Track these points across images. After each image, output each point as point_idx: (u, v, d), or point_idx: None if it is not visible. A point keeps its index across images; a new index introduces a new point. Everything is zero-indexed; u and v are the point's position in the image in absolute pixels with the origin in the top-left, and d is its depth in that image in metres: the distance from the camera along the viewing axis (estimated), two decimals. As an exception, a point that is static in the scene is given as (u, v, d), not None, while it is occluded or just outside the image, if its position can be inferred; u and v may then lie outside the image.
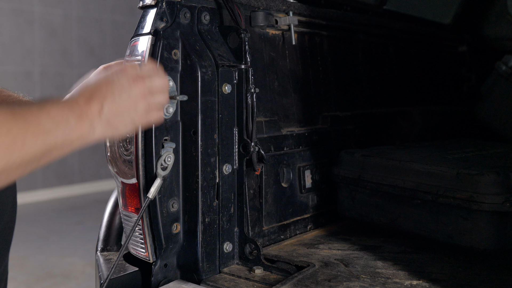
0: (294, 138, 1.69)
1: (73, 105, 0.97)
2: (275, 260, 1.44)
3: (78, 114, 0.96)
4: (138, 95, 1.06)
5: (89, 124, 0.98)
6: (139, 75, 1.08)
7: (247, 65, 1.39)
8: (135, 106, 1.05)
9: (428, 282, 1.30)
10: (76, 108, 0.97)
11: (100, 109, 1.00)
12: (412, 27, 2.45)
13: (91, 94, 1.00)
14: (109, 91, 1.02)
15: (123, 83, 1.04)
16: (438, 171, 1.52)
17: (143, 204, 1.26)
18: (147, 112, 1.08)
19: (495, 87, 2.42)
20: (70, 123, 0.95)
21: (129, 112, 1.05)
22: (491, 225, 1.44)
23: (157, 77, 1.11)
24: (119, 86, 1.04)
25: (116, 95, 1.03)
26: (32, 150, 0.88)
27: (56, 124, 0.92)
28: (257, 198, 1.55)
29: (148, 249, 1.30)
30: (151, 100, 1.09)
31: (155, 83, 1.10)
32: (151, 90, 1.09)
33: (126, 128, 1.06)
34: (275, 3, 1.63)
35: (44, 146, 0.91)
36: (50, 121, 0.92)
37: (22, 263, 4.26)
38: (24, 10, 6.15)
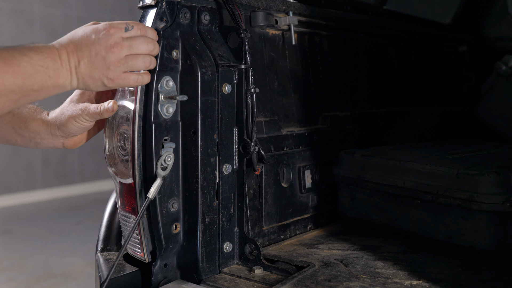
0: (294, 138, 1.69)
1: (55, 56, 1.08)
2: (275, 260, 1.44)
3: (58, 65, 1.08)
4: (112, 62, 1.13)
5: (66, 76, 1.10)
6: (120, 41, 1.13)
7: (247, 65, 1.39)
8: (107, 72, 1.13)
9: (428, 282, 1.30)
10: (57, 59, 1.08)
11: (77, 65, 1.11)
12: (412, 27, 2.45)
13: (73, 49, 1.11)
14: (87, 51, 1.11)
15: (102, 47, 1.12)
16: (438, 171, 1.52)
17: (139, 204, 1.26)
18: (119, 77, 1.15)
19: (495, 87, 2.41)
20: (49, 71, 1.07)
21: (100, 75, 1.13)
22: (491, 225, 1.44)
23: (140, 43, 1.17)
24: (97, 48, 1.12)
25: (92, 57, 1.11)
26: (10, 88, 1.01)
27: (36, 70, 1.05)
28: (257, 198, 1.55)
29: (144, 250, 1.30)
30: (125, 67, 1.15)
31: (136, 49, 1.16)
32: (127, 57, 1.15)
33: (97, 88, 1.16)
34: (275, 3, 1.63)
35: (22, 87, 1.03)
36: (30, 66, 1.04)
37: (22, 263, 4.26)
38: (24, 10, 6.16)
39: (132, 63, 1.16)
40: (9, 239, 4.90)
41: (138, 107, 1.26)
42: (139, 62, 1.17)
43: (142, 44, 1.17)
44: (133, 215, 1.30)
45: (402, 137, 2.19)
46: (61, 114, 1.29)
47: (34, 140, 1.33)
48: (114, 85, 1.16)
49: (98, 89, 1.17)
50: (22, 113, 1.32)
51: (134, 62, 1.16)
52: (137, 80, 1.19)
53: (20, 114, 1.32)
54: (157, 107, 1.27)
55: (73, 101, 1.30)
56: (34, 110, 1.33)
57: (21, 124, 1.31)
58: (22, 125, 1.31)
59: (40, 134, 1.31)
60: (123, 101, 1.29)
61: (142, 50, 1.17)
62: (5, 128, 1.32)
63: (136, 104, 1.25)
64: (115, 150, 1.32)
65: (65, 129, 1.28)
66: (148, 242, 1.31)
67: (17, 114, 1.32)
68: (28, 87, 1.04)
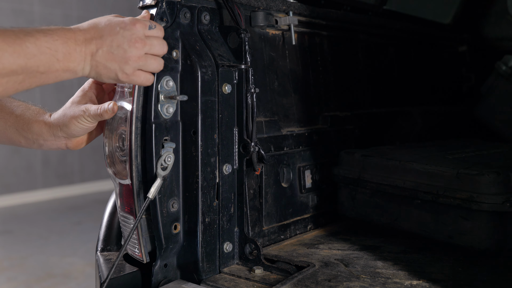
0: (294, 138, 1.69)
1: (69, 40, 1.06)
2: (275, 260, 1.44)
3: (71, 49, 1.06)
4: (133, 56, 1.12)
5: (78, 61, 1.08)
6: (143, 38, 1.13)
7: (247, 65, 1.39)
8: (124, 65, 1.12)
9: (428, 282, 1.30)
10: (70, 43, 1.06)
11: (94, 53, 1.09)
12: (412, 27, 2.45)
13: (93, 35, 1.09)
14: (109, 40, 1.10)
15: (126, 40, 1.11)
16: (438, 171, 1.52)
17: (136, 205, 1.26)
18: (134, 73, 1.14)
19: (495, 87, 2.42)
20: (57, 54, 1.04)
21: (117, 67, 1.12)
22: (491, 225, 1.44)
23: (159, 45, 1.17)
24: (120, 39, 1.11)
25: (113, 48, 1.10)
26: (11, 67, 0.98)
27: (41, 51, 1.02)
28: (257, 198, 1.55)
29: (142, 250, 1.30)
30: (143, 64, 1.15)
31: (155, 49, 1.16)
32: (148, 55, 1.15)
33: (108, 80, 1.15)
34: (275, 3, 1.63)
35: (25, 67, 1.00)
36: (35, 47, 1.01)
37: (22, 263, 4.26)
38: (24, 10, 6.16)
39: (150, 62, 1.16)
40: (9, 239, 4.90)
41: (136, 108, 1.25)
42: (155, 62, 1.18)
43: (160, 46, 1.17)
44: (132, 216, 1.30)
45: (402, 137, 2.19)
46: (63, 115, 1.28)
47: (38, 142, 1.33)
48: (126, 80, 1.15)
49: (109, 80, 1.16)
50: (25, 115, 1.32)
51: (151, 61, 1.16)
52: (148, 80, 1.19)
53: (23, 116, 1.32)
54: (157, 107, 1.27)
55: (75, 102, 1.29)
56: (36, 112, 1.33)
57: (24, 126, 1.31)
58: (25, 127, 1.31)
59: (42, 135, 1.31)
60: (122, 102, 1.29)
61: (159, 51, 1.18)
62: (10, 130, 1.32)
63: (134, 105, 1.25)
64: (114, 151, 1.32)
65: (67, 130, 1.27)
66: (146, 242, 1.30)
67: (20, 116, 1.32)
68: (32, 68, 1.01)
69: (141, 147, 1.27)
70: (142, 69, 1.16)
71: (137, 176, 1.27)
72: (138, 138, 1.26)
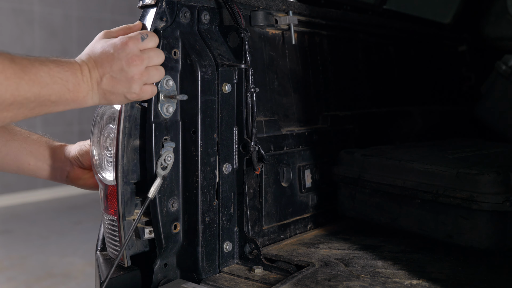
0: (294, 138, 1.69)
1: (76, 71, 1.09)
2: (275, 260, 1.44)
3: (79, 79, 1.08)
4: (135, 75, 1.13)
5: (87, 91, 1.10)
6: (139, 53, 1.14)
7: (247, 64, 1.39)
8: (130, 86, 1.13)
9: (428, 282, 1.30)
10: (78, 73, 1.09)
11: (99, 81, 1.11)
12: (412, 26, 2.45)
13: (93, 65, 1.11)
14: (108, 67, 1.11)
15: (123, 61, 1.12)
16: (438, 170, 1.52)
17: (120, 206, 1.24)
18: (141, 90, 1.16)
19: (495, 86, 2.42)
20: (68, 85, 1.07)
21: (124, 90, 1.13)
22: (491, 224, 1.44)
23: (156, 55, 1.18)
24: (118, 63, 1.12)
25: (115, 73, 1.11)
26: (25, 95, 1.01)
27: (54, 81, 1.05)
28: (257, 198, 1.55)
29: (124, 253, 1.26)
30: (146, 79, 1.16)
31: (153, 61, 1.17)
32: (148, 68, 1.16)
33: (119, 102, 1.18)
34: (275, 2, 1.63)
35: (38, 96, 1.03)
36: (48, 77, 1.04)
37: (22, 263, 4.26)
38: (24, 10, 6.15)
39: (153, 74, 1.17)
40: (9, 239, 4.90)
41: (124, 107, 1.24)
42: (157, 72, 1.18)
43: (157, 56, 1.18)
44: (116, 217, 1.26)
45: (402, 136, 2.19)
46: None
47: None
48: (136, 98, 1.17)
49: (120, 103, 1.18)
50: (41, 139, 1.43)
51: (154, 73, 1.17)
52: (153, 92, 1.20)
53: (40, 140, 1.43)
54: (157, 106, 1.26)
55: None
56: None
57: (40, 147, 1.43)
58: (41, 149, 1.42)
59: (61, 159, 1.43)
60: None
61: (158, 61, 1.18)
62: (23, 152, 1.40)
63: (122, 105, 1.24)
64: (101, 150, 1.31)
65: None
66: (128, 246, 1.27)
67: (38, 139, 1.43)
68: (44, 97, 1.04)
69: (127, 147, 1.26)
70: (147, 83, 1.17)
71: (122, 177, 1.25)
72: (125, 138, 1.25)
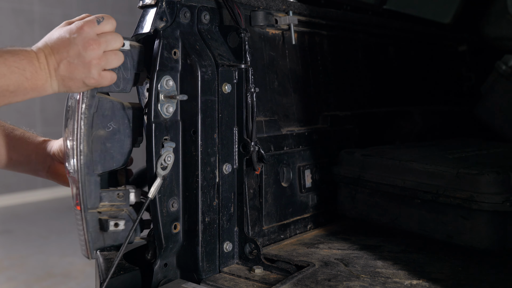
0: (294, 138, 1.69)
1: (33, 59, 1.08)
2: (275, 260, 1.44)
3: (36, 67, 1.07)
4: (93, 59, 1.11)
5: (45, 78, 1.09)
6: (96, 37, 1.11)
7: (247, 64, 1.39)
8: (89, 70, 1.11)
9: (428, 282, 1.30)
10: (35, 61, 1.08)
11: (57, 68, 1.09)
12: (412, 26, 2.45)
13: (50, 51, 1.10)
14: (65, 52, 1.09)
15: (79, 46, 1.10)
16: (438, 170, 1.52)
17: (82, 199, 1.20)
18: (100, 75, 1.13)
19: (495, 86, 2.41)
20: (25, 73, 1.06)
21: (83, 75, 1.11)
22: (491, 224, 1.44)
23: (114, 39, 1.15)
24: (74, 48, 1.10)
25: (72, 58, 1.10)
26: None
27: (11, 71, 1.04)
28: (257, 198, 1.55)
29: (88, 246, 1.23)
30: (105, 64, 1.13)
31: (111, 45, 1.14)
32: (106, 53, 1.13)
33: (79, 89, 1.14)
34: (275, 2, 1.63)
35: None
36: (5, 67, 1.04)
37: (22, 263, 4.26)
38: (24, 10, 6.16)
39: (111, 59, 1.14)
40: (9, 239, 4.90)
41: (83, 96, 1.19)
42: (116, 57, 1.15)
43: (115, 40, 1.15)
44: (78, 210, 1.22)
45: (402, 136, 2.19)
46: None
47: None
48: (96, 84, 1.14)
49: (80, 90, 1.15)
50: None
51: (112, 57, 1.14)
52: (112, 79, 1.17)
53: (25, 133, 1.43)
54: (157, 106, 1.26)
55: None
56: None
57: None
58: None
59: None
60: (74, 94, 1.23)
61: (116, 45, 1.15)
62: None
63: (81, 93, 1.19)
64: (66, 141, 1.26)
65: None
66: (92, 239, 1.23)
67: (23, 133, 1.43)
68: (3, 87, 1.04)
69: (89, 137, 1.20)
70: (106, 68, 1.14)
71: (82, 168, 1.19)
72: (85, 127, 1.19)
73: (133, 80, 1.25)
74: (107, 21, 1.14)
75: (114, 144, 1.24)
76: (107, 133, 1.23)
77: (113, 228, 1.24)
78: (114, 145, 1.24)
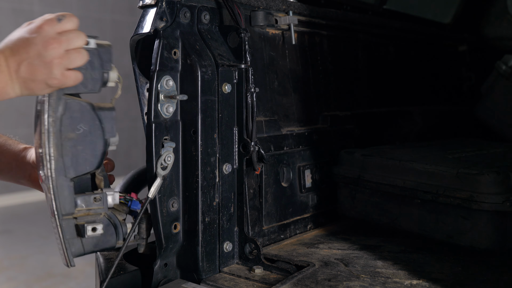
0: (294, 138, 1.69)
1: None
2: (275, 260, 1.44)
3: None
4: (54, 59, 1.05)
5: (5, 81, 1.04)
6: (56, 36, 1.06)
7: (247, 64, 1.39)
8: (50, 71, 1.06)
9: (428, 282, 1.30)
10: None
11: (17, 70, 1.04)
12: (412, 26, 2.45)
13: (10, 53, 1.04)
14: (25, 53, 1.04)
15: (39, 46, 1.04)
16: (438, 170, 1.52)
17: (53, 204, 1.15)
18: (63, 75, 1.08)
19: (495, 86, 2.42)
20: None
21: (44, 76, 1.06)
22: (491, 224, 1.44)
23: (76, 37, 1.09)
24: (34, 48, 1.04)
25: (32, 59, 1.04)
26: None
27: None
28: (257, 198, 1.55)
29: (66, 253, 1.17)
30: (68, 63, 1.07)
31: (73, 43, 1.08)
32: (69, 52, 1.07)
33: (42, 91, 1.09)
34: (275, 2, 1.63)
35: None
36: None
37: (22, 262, 4.26)
38: (24, 10, 6.16)
39: (74, 57, 1.08)
40: (9, 239, 4.90)
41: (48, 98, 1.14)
42: (79, 56, 1.09)
43: (77, 38, 1.09)
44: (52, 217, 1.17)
45: (402, 136, 2.19)
46: None
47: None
48: (59, 85, 1.08)
49: (43, 92, 1.09)
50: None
51: (75, 56, 1.08)
52: (77, 79, 1.10)
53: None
54: (157, 106, 1.26)
55: None
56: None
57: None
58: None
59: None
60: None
61: (78, 43, 1.09)
62: None
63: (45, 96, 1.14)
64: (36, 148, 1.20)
65: None
66: (70, 245, 1.18)
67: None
68: None
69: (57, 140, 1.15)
70: (69, 67, 1.08)
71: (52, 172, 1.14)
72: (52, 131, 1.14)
73: (102, 80, 1.18)
74: (69, 19, 1.10)
75: (86, 146, 1.18)
76: (77, 135, 1.17)
77: (91, 233, 1.18)
78: (86, 148, 1.18)
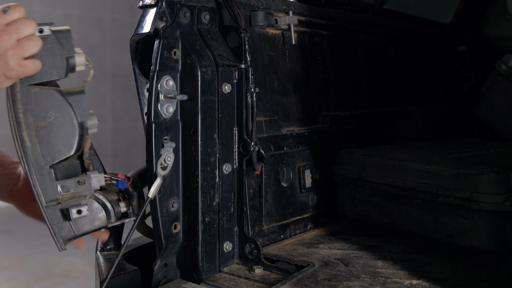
0: (294, 138, 1.69)
1: None
2: (275, 260, 1.44)
3: None
4: (7, 50, 1.04)
5: None
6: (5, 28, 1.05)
7: (247, 64, 1.39)
8: (6, 63, 1.05)
9: (428, 282, 1.30)
10: None
11: None
12: (412, 26, 2.45)
13: None
14: None
15: None
16: (438, 170, 1.52)
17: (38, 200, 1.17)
18: (20, 65, 1.07)
19: (495, 86, 2.42)
20: None
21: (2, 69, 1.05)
22: (491, 224, 1.44)
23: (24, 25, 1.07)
24: None
25: None
26: None
27: None
28: (257, 198, 1.55)
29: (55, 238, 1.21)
30: (22, 52, 1.06)
31: (23, 31, 1.07)
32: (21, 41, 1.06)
33: (3, 84, 1.08)
34: (275, 2, 1.63)
35: None
36: None
37: (22, 263, 4.26)
38: (24, 10, 6.15)
39: (27, 45, 1.06)
40: (9, 239, 4.90)
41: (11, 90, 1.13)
42: (32, 43, 1.07)
43: (27, 25, 1.07)
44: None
45: (402, 136, 2.19)
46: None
47: None
48: (18, 75, 1.08)
49: (5, 84, 1.08)
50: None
51: (28, 44, 1.07)
52: (36, 67, 1.09)
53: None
54: (157, 106, 1.27)
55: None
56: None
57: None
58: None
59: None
60: None
61: (29, 31, 1.07)
62: None
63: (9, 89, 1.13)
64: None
65: None
66: (59, 230, 1.20)
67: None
68: None
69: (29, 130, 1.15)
70: (25, 56, 1.07)
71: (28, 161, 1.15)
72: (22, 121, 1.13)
73: (67, 65, 1.17)
74: (14, 9, 1.08)
75: (59, 132, 1.18)
76: (49, 123, 1.17)
77: (76, 216, 1.19)
78: (60, 134, 1.18)
